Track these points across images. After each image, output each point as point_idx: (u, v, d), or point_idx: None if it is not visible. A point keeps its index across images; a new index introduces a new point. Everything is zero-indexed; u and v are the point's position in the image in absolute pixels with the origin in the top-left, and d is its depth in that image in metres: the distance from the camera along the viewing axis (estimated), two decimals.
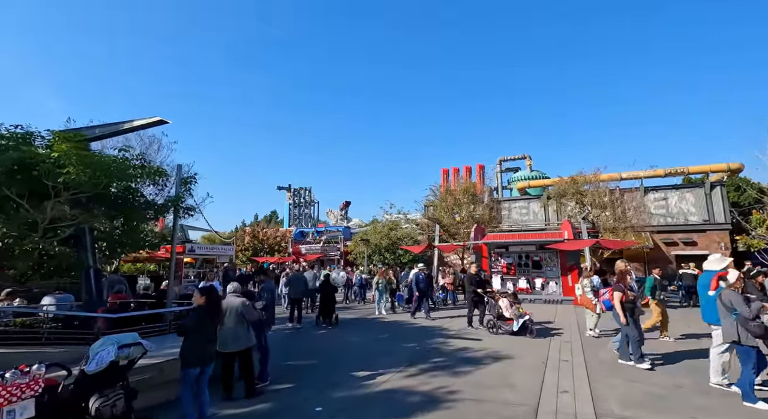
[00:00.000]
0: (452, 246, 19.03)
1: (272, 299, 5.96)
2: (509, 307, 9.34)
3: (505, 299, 9.56)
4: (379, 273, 14.17)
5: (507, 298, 9.61)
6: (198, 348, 4.24)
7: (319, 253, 34.10)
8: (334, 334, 9.98)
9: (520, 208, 28.22)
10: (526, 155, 32.38)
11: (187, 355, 4.20)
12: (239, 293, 5.38)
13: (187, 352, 4.21)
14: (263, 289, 5.91)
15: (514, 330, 9.01)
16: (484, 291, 10.27)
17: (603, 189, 20.72)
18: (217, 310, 4.52)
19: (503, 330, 9.26)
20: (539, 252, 16.72)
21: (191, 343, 4.23)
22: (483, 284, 10.58)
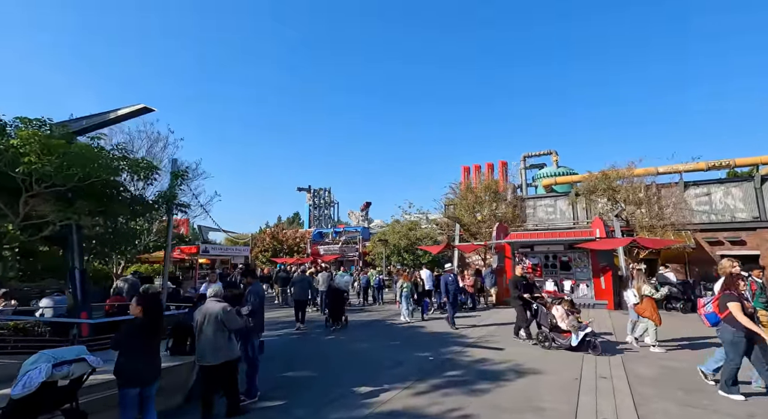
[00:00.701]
0: (472, 246, 18.02)
1: (260, 303, 5.30)
2: (565, 316, 7.78)
3: (559, 306, 7.99)
4: (403, 276, 12.73)
5: (562, 305, 8.03)
6: (134, 364, 3.58)
7: (337, 254, 33.67)
8: (342, 340, 9.29)
9: (545, 206, 26.73)
10: (551, 151, 30.75)
11: (122, 372, 3.54)
12: (220, 298, 4.74)
13: (121, 369, 3.55)
14: (250, 292, 5.27)
15: (573, 345, 7.41)
16: (532, 297, 8.76)
17: (638, 184, 19.15)
18: (156, 322, 3.83)
19: (558, 344, 7.71)
20: (568, 252, 15.48)
21: (127, 359, 3.58)
22: (530, 288, 9.13)
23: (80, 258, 6.40)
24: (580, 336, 7.41)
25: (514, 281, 9.19)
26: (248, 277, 5.45)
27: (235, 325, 4.65)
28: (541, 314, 8.20)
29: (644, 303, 7.52)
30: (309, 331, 10.52)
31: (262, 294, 5.41)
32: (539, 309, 8.31)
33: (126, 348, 3.62)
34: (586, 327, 7.55)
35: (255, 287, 5.37)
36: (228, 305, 4.65)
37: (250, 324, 5.12)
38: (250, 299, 5.24)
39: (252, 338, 5.19)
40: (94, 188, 5.42)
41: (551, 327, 7.88)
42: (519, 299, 8.78)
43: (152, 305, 3.86)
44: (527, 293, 8.81)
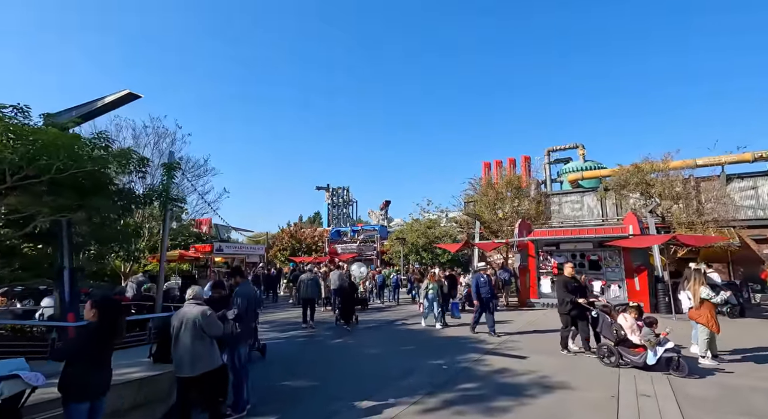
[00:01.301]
0: (492, 244, 17.10)
1: (248, 307, 4.74)
2: (636, 328, 6.34)
3: (627, 315, 6.56)
4: (429, 276, 11.29)
5: (631, 313, 6.61)
6: (83, 377, 3.07)
7: (355, 252, 33.23)
8: (351, 344, 8.70)
9: (572, 202, 25.35)
10: (578, 144, 29.15)
11: (68, 386, 3.03)
12: (200, 300, 4.21)
13: (68, 382, 3.04)
14: (237, 294, 4.73)
15: (649, 364, 5.98)
16: (589, 303, 7.26)
17: (675, 178, 17.72)
18: (113, 328, 3.32)
19: (627, 362, 6.27)
20: (597, 250, 14.36)
21: (74, 370, 3.07)
22: (582, 291, 7.56)
23: (70, 257, 6.07)
24: (658, 352, 5.91)
25: (562, 282, 7.54)
26: (236, 277, 4.92)
27: (216, 331, 4.11)
28: (604, 323, 6.70)
29: (701, 308, 6.45)
30: (317, 333, 10.00)
31: (251, 296, 4.85)
32: (600, 318, 6.79)
33: (76, 357, 3.13)
34: (666, 341, 5.99)
35: (243, 288, 4.82)
36: (208, 309, 4.11)
37: (237, 329, 4.57)
38: (237, 301, 4.69)
39: (239, 345, 4.64)
40: (75, 180, 5.01)
41: (617, 340, 6.42)
42: (571, 304, 7.23)
43: (109, 309, 3.35)
44: (580, 297, 7.30)
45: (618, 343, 6.42)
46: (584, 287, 8.02)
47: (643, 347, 6.15)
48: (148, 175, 8.83)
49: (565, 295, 7.34)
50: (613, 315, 6.77)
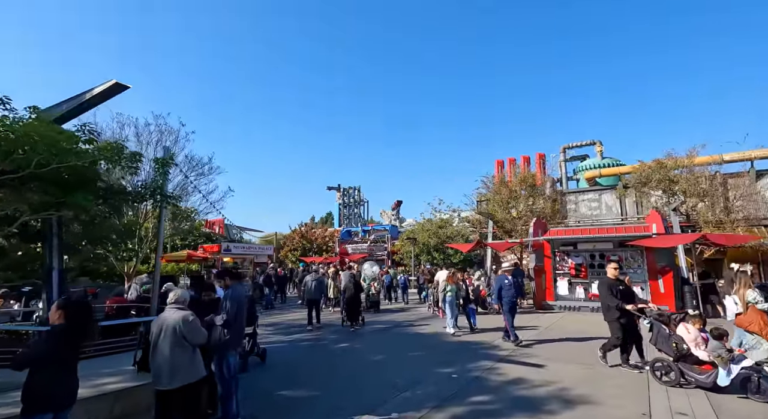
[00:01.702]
0: (506, 244, 16.46)
1: (238, 311, 4.35)
2: (700, 341, 5.39)
3: (690, 326, 5.59)
4: (447, 278, 10.25)
5: (694, 323, 5.63)
6: (47, 386, 2.77)
7: (365, 253, 32.87)
8: (356, 349, 8.28)
9: (589, 200, 24.48)
10: (595, 141, 28.11)
11: (33, 394, 2.74)
12: (183, 304, 3.83)
13: (32, 390, 2.75)
14: (226, 298, 4.35)
15: (721, 385, 4.96)
16: (639, 310, 6.26)
17: (700, 174, 16.79)
18: (81, 332, 2.99)
19: (690, 381, 5.28)
20: (618, 250, 13.62)
21: (36, 379, 2.77)
22: (630, 296, 6.53)
23: (59, 257, 5.81)
24: (733, 371, 4.86)
25: (606, 286, 6.47)
26: (225, 278, 4.54)
27: (199, 339, 3.73)
28: (659, 335, 5.66)
29: (749, 313, 5.67)
30: (322, 336, 9.61)
31: (242, 300, 4.46)
32: (655, 328, 5.78)
33: (39, 363, 2.81)
34: (741, 358, 4.96)
35: (233, 291, 4.43)
36: (190, 314, 3.74)
37: (226, 336, 4.19)
38: (226, 305, 4.31)
39: (228, 354, 4.26)
40: (57, 175, 4.72)
41: (677, 355, 5.39)
42: (619, 311, 6.19)
43: (77, 311, 3.01)
44: (627, 303, 6.20)
45: (678, 359, 5.39)
46: (632, 291, 6.90)
47: (711, 364, 5.16)
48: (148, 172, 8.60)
49: (611, 300, 6.27)
50: (670, 325, 5.72)
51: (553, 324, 11.04)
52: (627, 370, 6.25)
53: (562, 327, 10.28)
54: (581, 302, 13.86)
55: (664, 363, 5.61)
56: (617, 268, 6.84)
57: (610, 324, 6.43)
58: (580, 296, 14.02)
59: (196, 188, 11.12)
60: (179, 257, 18.47)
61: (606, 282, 6.63)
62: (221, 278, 4.64)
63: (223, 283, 4.64)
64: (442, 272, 14.67)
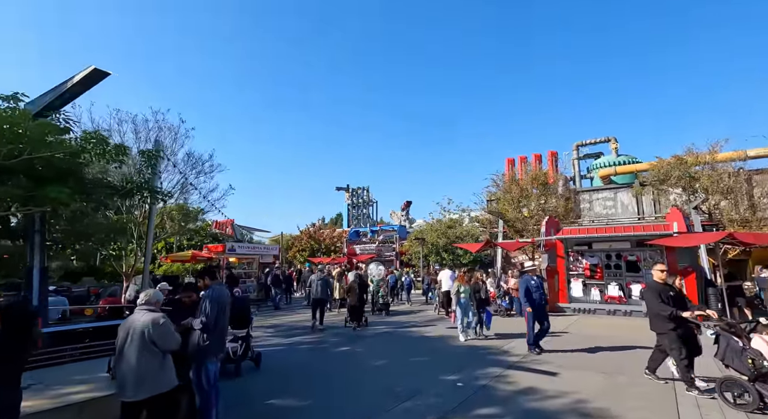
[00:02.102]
0: (517, 243, 15.87)
1: (219, 314, 3.96)
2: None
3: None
4: (458, 277, 9.52)
5: None
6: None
7: (373, 253, 32.47)
8: (357, 353, 7.86)
9: (604, 199, 23.65)
10: (610, 138, 27.18)
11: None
12: (155, 306, 3.47)
13: None
14: (205, 299, 3.97)
15: None
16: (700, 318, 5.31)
17: (723, 170, 15.95)
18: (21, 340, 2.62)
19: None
20: (636, 250, 12.95)
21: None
22: (682, 303, 5.47)
23: (41, 255, 5.53)
24: None
25: (654, 291, 5.45)
26: (205, 278, 4.16)
27: (170, 344, 3.36)
28: (730, 349, 4.73)
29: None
30: (323, 339, 9.22)
31: (223, 302, 4.07)
32: (722, 340, 4.86)
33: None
34: None
35: (213, 291, 4.05)
36: (161, 317, 3.37)
37: (205, 342, 3.82)
38: (205, 308, 3.93)
39: (207, 362, 3.88)
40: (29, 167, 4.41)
41: (756, 374, 4.39)
42: (672, 320, 5.18)
43: (14, 315, 2.65)
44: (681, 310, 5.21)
45: (756, 378, 4.42)
46: (683, 296, 5.78)
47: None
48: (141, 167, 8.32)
49: (662, 308, 5.26)
50: (743, 337, 4.74)
51: (567, 327, 10.46)
52: (651, 380, 5.69)
53: (577, 331, 9.71)
54: (596, 304, 13.21)
55: (737, 383, 4.59)
56: (665, 270, 5.69)
57: (662, 337, 5.42)
58: (596, 299, 13.38)
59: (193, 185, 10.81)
60: (184, 257, 18.32)
61: (653, 287, 5.55)
62: (201, 278, 4.27)
63: (202, 283, 4.26)
64: (445, 271, 14.24)
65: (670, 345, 5.23)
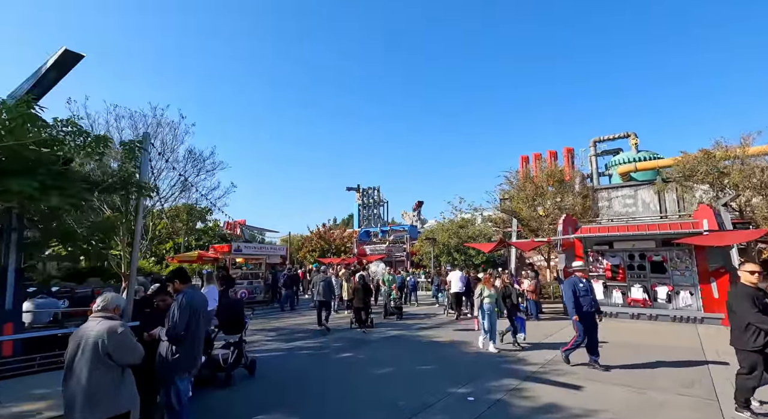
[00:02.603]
0: (532, 243, 15.10)
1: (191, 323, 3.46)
2: None
3: None
4: (484, 280, 8.29)
5: None
6: None
7: (383, 253, 31.93)
8: (360, 359, 7.31)
9: (623, 197, 22.66)
10: (629, 133, 26.07)
11: None
12: (111, 313, 2.99)
13: None
14: (174, 304, 3.48)
15: None
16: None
17: (755, 164, 14.90)
18: None
19: None
20: (661, 250, 12.10)
21: None
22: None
23: (17, 255, 5.15)
24: None
25: (746, 296, 4.31)
26: (175, 281, 3.65)
27: (129, 357, 2.87)
28: None
29: None
30: (326, 343, 8.71)
31: (197, 308, 3.57)
32: None
33: None
34: None
35: (185, 297, 3.54)
36: (119, 325, 2.89)
37: (174, 355, 3.33)
38: (174, 315, 3.44)
39: (176, 378, 3.39)
40: None
41: None
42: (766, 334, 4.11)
43: None
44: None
45: None
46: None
47: None
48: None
49: (756, 317, 4.14)
50: None
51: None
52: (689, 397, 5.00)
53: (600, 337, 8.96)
54: (618, 307, 12.40)
55: None
56: (758, 272, 4.46)
57: (742, 354, 4.31)
58: (617, 301, 12.57)
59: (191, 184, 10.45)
60: (190, 258, 18.10)
61: (744, 293, 4.36)
62: (171, 282, 3.77)
63: (172, 287, 3.77)
64: (455, 272, 13.60)
65: (748, 365, 4.23)
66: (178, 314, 3.43)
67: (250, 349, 8.13)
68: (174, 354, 3.33)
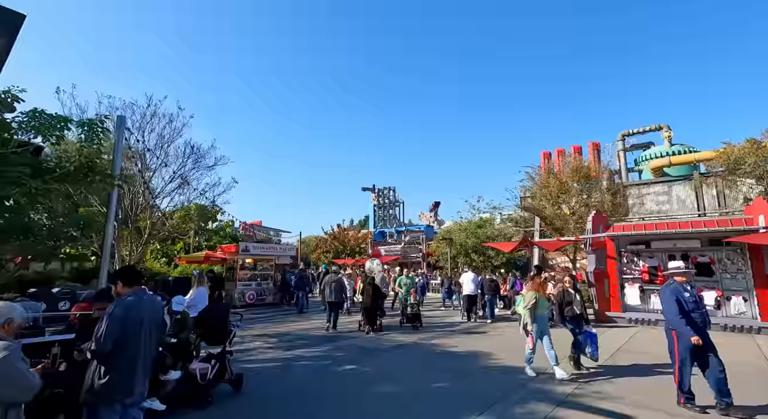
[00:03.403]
0: (558, 242, 13.89)
1: (127, 336, 2.65)
2: None
3: None
4: (532, 284, 6.43)
5: None
6: None
7: (398, 254, 30.98)
8: (365, 373, 6.41)
9: (656, 194, 21.04)
10: (661, 126, 24.21)
11: None
12: (4, 331, 2.20)
13: None
14: (107, 315, 2.67)
15: None
16: None
17: None
18: None
19: None
20: (708, 249, 10.76)
21: None
22: None
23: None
24: None
25: None
26: (118, 283, 2.86)
27: (13, 393, 2.08)
28: None
29: None
30: (329, 353, 7.84)
31: (138, 320, 2.76)
32: None
33: None
34: None
35: (120, 305, 2.73)
36: (2, 349, 2.10)
37: (101, 379, 2.53)
38: (101, 329, 2.63)
39: (101, 407, 2.57)
40: None
41: None
42: None
43: None
44: None
45: None
46: None
47: None
48: None
49: None
50: None
51: (626, 343, 8.58)
52: None
53: (640, 349, 7.83)
54: (658, 314, 11.08)
55: None
56: None
57: None
58: (657, 307, 11.23)
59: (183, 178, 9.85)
60: (197, 258, 17.64)
61: None
62: (113, 283, 2.99)
63: (114, 290, 2.98)
64: (467, 274, 12.58)
65: None
66: (105, 326, 2.63)
67: (245, 358, 7.39)
68: (102, 378, 2.53)
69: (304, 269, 21.06)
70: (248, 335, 9.87)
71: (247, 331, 10.43)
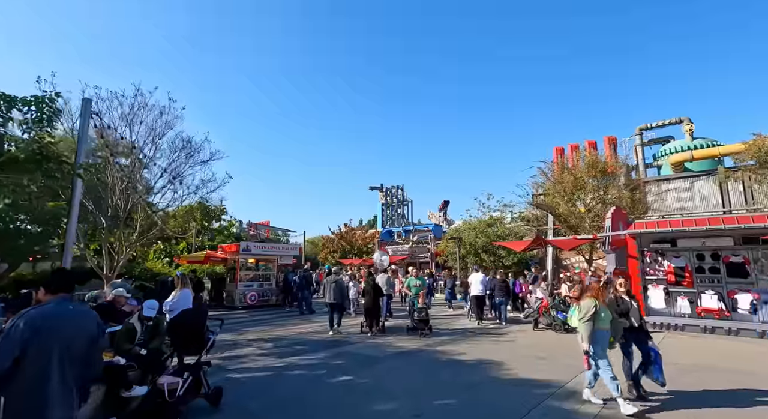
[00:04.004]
0: (574, 241, 13.05)
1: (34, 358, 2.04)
2: None
3: None
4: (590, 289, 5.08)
5: None
6: None
7: (406, 254, 30.29)
8: (359, 385, 5.75)
9: (677, 190, 19.99)
10: (682, 119, 23.03)
11: None
12: None
13: None
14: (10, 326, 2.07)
15: None
16: None
17: None
18: None
19: None
20: (742, 248, 9.83)
21: None
22: None
23: None
24: None
25: None
26: (40, 289, 2.23)
27: None
28: None
29: None
30: (324, 360, 7.20)
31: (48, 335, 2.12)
32: None
33: None
34: None
35: (25, 316, 2.11)
36: None
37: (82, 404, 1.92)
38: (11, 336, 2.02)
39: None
40: None
41: None
42: None
43: None
44: None
45: None
46: None
47: None
48: None
49: None
50: None
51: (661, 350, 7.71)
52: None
53: (671, 359, 6.96)
54: (685, 318, 10.22)
55: None
56: None
57: None
58: (684, 311, 10.36)
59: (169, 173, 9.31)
60: (197, 258, 17.22)
61: None
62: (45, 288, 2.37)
63: (35, 297, 2.38)
64: (476, 274, 11.85)
65: None
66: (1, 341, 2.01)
67: (234, 367, 6.81)
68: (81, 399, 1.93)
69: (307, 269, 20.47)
70: (243, 339, 9.31)
71: (242, 335, 9.88)
